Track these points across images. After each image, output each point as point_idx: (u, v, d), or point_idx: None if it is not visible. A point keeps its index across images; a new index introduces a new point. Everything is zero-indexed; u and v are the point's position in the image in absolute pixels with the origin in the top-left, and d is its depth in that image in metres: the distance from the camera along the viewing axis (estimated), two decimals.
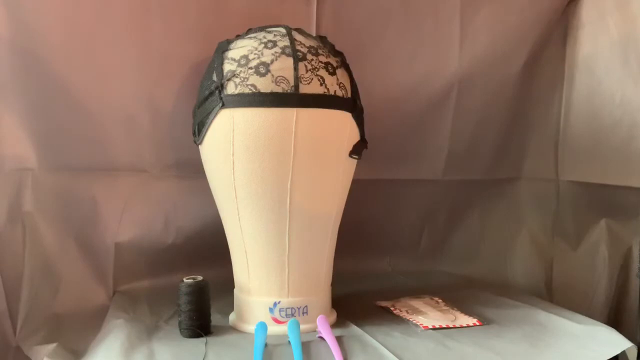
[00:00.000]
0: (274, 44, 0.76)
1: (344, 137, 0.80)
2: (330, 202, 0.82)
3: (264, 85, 0.74)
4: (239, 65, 0.76)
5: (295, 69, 0.75)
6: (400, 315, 0.87)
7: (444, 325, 0.82)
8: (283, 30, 0.79)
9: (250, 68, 0.75)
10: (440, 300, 0.94)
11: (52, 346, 0.81)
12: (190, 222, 1.03)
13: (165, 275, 1.02)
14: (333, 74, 0.78)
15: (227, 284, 0.86)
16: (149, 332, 0.79)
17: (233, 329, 0.82)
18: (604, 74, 1.06)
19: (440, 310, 0.88)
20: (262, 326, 0.76)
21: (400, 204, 1.18)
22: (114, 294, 0.99)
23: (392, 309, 0.90)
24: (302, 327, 0.77)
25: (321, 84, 0.76)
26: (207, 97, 0.78)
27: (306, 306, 0.81)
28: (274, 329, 0.78)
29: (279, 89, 0.74)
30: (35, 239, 0.92)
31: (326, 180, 0.80)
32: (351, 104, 0.80)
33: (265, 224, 0.78)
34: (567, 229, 1.17)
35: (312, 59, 0.77)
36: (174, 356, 0.71)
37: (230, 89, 0.76)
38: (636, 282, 1.02)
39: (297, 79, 0.75)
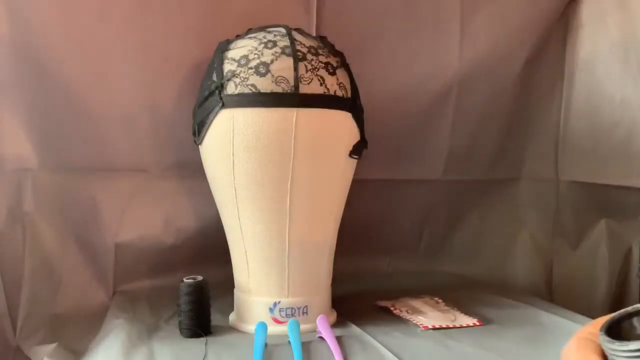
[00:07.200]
0: (274, 44, 0.76)
1: (344, 137, 0.80)
2: (330, 202, 0.82)
3: (264, 85, 0.74)
4: (239, 65, 0.76)
5: (295, 69, 0.75)
6: (400, 315, 0.87)
7: (444, 325, 0.82)
8: (283, 30, 0.79)
9: (250, 68, 0.75)
10: (440, 300, 0.94)
11: (52, 346, 0.81)
12: (190, 222, 1.03)
13: (165, 275, 1.01)
14: (333, 74, 0.78)
15: (227, 284, 0.86)
16: (149, 332, 0.79)
17: (233, 329, 0.82)
18: (604, 74, 1.06)
19: (440, 310, 0.88)
20: (262, 326, 0.76)
21: (400, 204, 1.18)
22: (114, 294, 0.99)
23: (392, 309, 0.90)
24: (302, 327, 0.77)
25: (321, 84, 0.76)
26: (207, 97, 0.78)
27: (306, 306, 0.81)
28: (274, 329, 0.78)
29: (279, 89, 0.74)
30: (35, 239, 0.92)
31: (326, 180, 0.80)
32: (351, 104, 0.80)
33: (265, 224, 0.78)
34: (567, 229, 1.17)
35: (312, 59, 0.77)
36: (174, 356, 0.71)
37: (230, 89, 0.76)
38: (636, 282, 1.02)
39: (297, 79, 0.75)
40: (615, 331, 0.46)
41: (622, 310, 0.48)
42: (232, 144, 0.76)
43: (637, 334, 0.47)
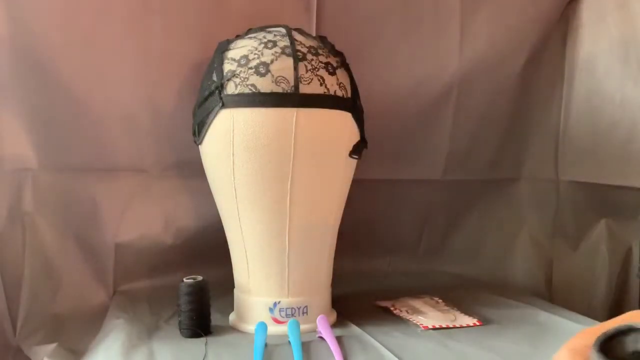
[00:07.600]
0: (274, 44, 0.76)
1: (344, 137, 0.80)
2: (330, 202, 0.82)
3: (264, 85, 0.74)
4: (239, 65, 0.76)
5: (295, 69, 0.75)
6: (400, 315, 0.87)
7: (444, 325, 0.82)
8: (283, 30, 0.79)
9: (250, 68, 0.75)
10: (440, 300, 0.94)
11: (52, 346, 0.81)
12: (190, 222, 1.03)
13: (165, 275, 1.02)
14: (333, 74, 0.78)
15: (227, 284, 0.86)
16: (149, 332, 0.79)
17: (233, 329, 0.82)
18: (604, 74, 1.06)
19: (440, 310, 0.88)
20: (262, 326, 0.76)
21: (400, 204, 1.18)
22: (114, 294, 0.99)
23: (392, 309, 0.90)
24: (302, 327, 0.77)
25: (321, 84, 0.76)
26: (207, 97, 0.78)
27: (306, 306, 0.81)
28: (274, 329, 0.78)
29: (279, 89, 0.74)
30: (35, 239, 0.92)
31: (326, 180, 0.80)
32: (351, 104, 0.80)
33: (265, 224, 0.78)
34: (567, 229, 1.17)
35: (312, 59, 0.77)
36: (174, 356, 0.71)
37: (230, 89, 0.76)
38: (636, 282, 1.02)
39: (297, 79, 0.75)
40: (608, 348, 0.47)
41: (614, 327, 0.48)
42: (232, 144, 0.76)
43: (628, 352, 0.47)
